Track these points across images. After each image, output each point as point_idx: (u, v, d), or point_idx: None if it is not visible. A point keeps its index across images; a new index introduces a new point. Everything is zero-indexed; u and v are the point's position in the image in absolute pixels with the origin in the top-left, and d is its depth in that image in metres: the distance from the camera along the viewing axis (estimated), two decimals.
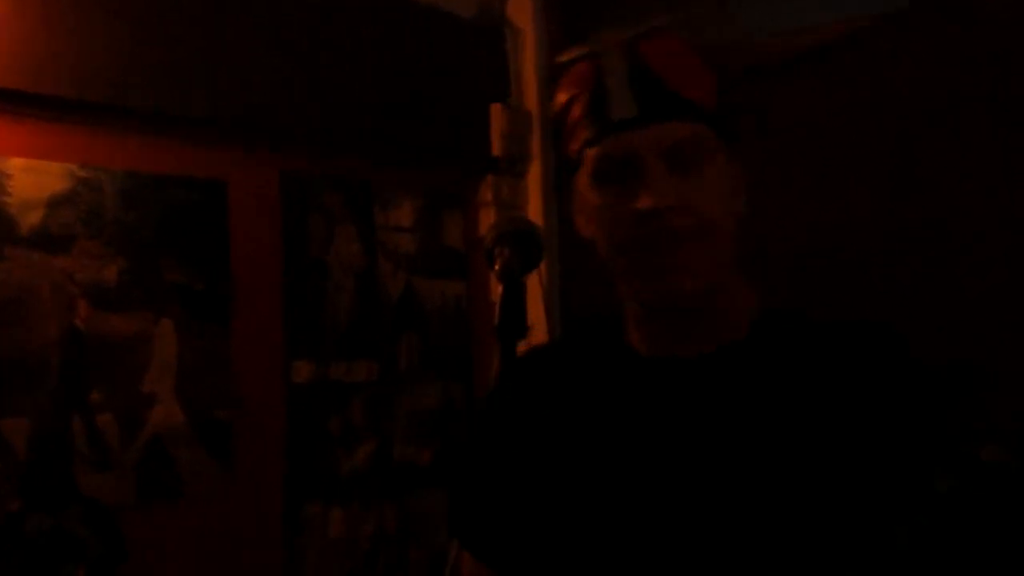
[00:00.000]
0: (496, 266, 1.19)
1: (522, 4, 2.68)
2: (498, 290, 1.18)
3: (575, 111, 0.98)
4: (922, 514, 0.88)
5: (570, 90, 0.99)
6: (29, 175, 1.88)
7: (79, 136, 1.96)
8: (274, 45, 2.23)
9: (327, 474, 2.25)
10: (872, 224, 2.02)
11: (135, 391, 1.95)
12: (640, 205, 0.93)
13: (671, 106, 0.94)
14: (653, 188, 0.93)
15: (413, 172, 2.52)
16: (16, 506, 1.78)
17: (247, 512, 2.11)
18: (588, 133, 0.97)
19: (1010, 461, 0.95)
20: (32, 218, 1.87)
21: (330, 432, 2.27)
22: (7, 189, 1.85)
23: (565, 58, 1.01)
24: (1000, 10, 1.83)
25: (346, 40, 2.35)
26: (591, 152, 0.97)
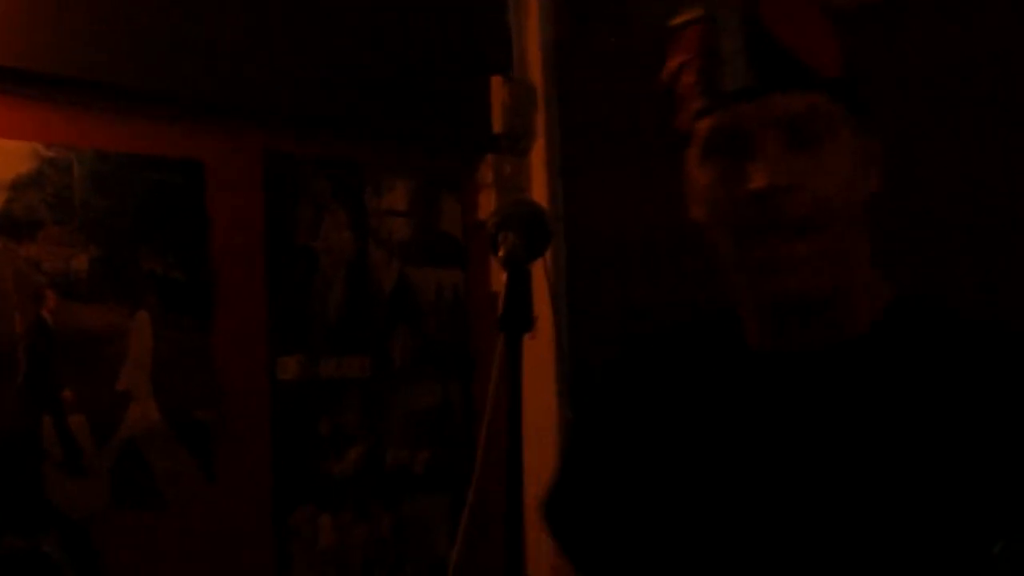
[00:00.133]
0: (500, 252, 1.13)
1: None
2: (500, 279, 1.14)
3: (685, 79, 0.96)
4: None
5: (680, 56, 0.97)
6: None
7: (44, 112, 1.91)
8: (256, 13, 2.19)
9: (316, 478, 2.24)
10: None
11: (109, 390, 1.91)
12: (752, 185, 0.90)
13: (791, 74, 0.91)
14: (767, 166, 0.90)
15: (408, 151, 2.49)
16: None
17: (230, 520, 2.09)
18: (698, 104, 0.95)
19: None
20: None
21: (319, 433, 2.25)
22: None
23: (677, 20, 0.98)
24: None
25: (334, 7, 2.32)
26: (701, 125, 0.95)
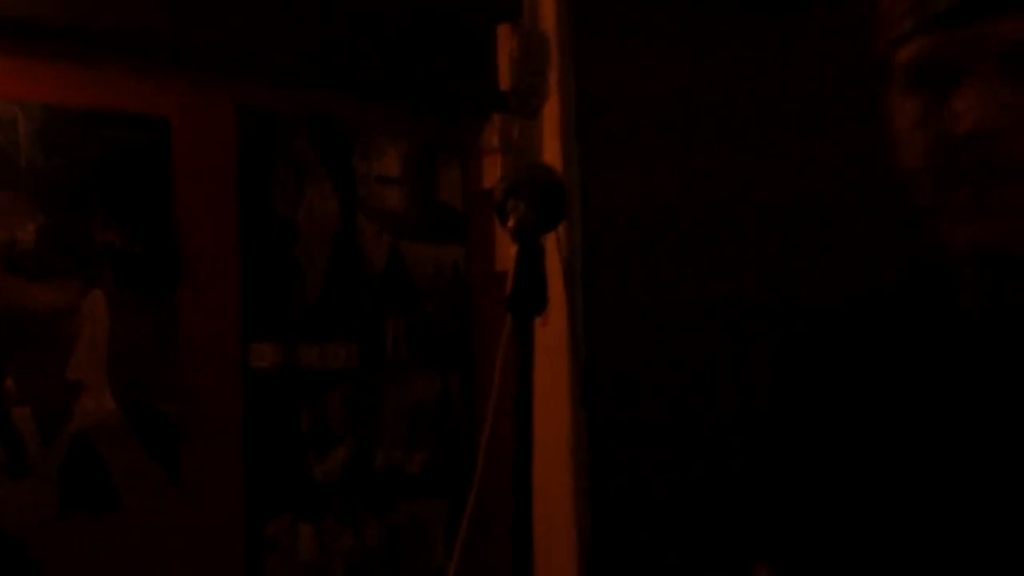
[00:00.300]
0: (509, 223, 1.06)
1: None
2: (507, 255, 1.09)
3: None
4: None
5: None
6: None
7: None
8: None
9: (295, 482, 2.20)
10: None
11: (58, 378, 1.88)
12: (961, 127, 0.85)
13: None
14: (979, 105, 0.84)
15: (401, 110, 2.42)
16: None
17: (197, 529, 2.03)
18: (900, 28, 0.89)
19: None
20: None
21: (299, 430, 2.21)
22: None
23: None
24: None
25: None
26: (902, 52, 0.89)
